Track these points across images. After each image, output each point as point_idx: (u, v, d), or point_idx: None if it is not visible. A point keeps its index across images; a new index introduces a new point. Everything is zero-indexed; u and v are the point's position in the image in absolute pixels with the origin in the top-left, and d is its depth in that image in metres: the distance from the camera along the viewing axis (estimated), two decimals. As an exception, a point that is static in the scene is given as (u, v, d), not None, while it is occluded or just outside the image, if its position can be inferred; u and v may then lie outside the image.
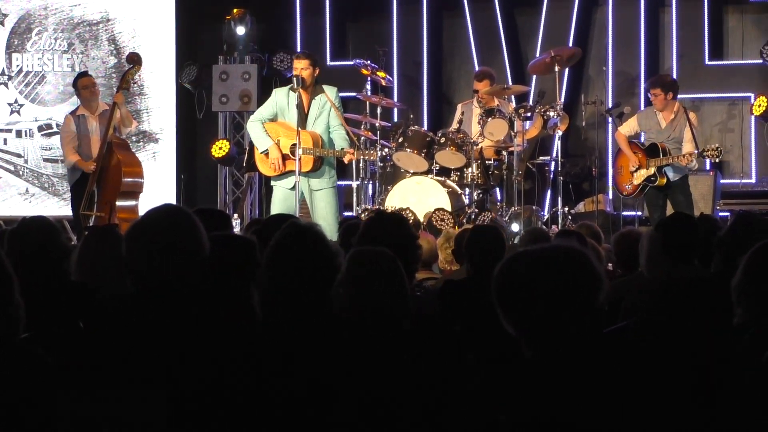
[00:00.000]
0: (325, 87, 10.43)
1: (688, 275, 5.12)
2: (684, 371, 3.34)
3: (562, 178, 11.67)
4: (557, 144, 12.19)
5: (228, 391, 3.64)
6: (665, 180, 11.02)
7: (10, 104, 13.84)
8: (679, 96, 11.36)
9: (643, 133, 11.44)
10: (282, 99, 10.47)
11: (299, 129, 10.11)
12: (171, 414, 3.55)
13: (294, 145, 10.15)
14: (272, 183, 10.62)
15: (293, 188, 10.22)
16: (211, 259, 3.86)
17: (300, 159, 10.10)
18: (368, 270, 4.15)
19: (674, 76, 12.28)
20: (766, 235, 4.86)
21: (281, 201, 10.41)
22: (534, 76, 13.04)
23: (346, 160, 10.31)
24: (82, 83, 11.34)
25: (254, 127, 10.56)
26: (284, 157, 10.34)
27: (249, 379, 3.66)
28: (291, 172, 10.25)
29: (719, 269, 4.95)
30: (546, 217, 11.83)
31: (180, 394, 3.57)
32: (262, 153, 10.43)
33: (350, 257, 4.18)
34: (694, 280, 4.97)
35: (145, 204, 11.15)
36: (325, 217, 10.18)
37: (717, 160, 10.99)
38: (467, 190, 11.33)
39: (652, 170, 10.98)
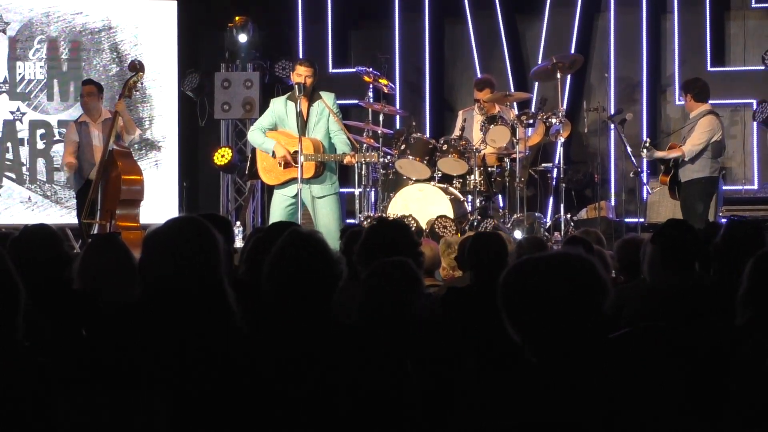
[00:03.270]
0: (322, 93, 10.42)
1: (689, 282, 5.12)
2: (686, 377, 3.34)
3: (564, 184, 11.67)
4: (559, 151, 12.19)
5: (232, 398, 3.63)
6: (667, 178, 11.12)
7: (12, 112, 13.84)
8: (679, 102, 11.40)
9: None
10: (280, 108, 10.46)
11: (295, 136, 10.11)
12: (173, 420, 3.55)
13: (296, 152, 10.14)
14: (274, 191, 10.60)
15: (295, 196, 10.21)
16: None
17: (302, 166, 10.10)
18: (387, 280, 4.19)
19: (676, 83, 12.31)
20: (758, 239, 4.87)
21: (281, 208, 10.38)
22: (536, 83, 13.05)
23: (345, 161, 10.28)
24: (82, 91, 11.42)
25: (255, 135, 10.55)
26: (287, 164, 10.32)
27: (252, 385, 3.66)
28: (293, 180, 10.24)
29: (718, 276, 4.95)
30: (548, 224, 11.83)
31: (183, 403, 3.57)
32: (271, 155, 10.39)
33: (372, 268, 4.22)
34: (695, 288, 4.96)
35: (147, 212, 11.16)
36: (327, 225, 10.14)
37: (643, 153, 11.10)
38: (469, 197, 11.33)
39: (664, 167, 11.19)
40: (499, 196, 11.96)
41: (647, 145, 11.08)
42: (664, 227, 5.45)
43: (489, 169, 11.50)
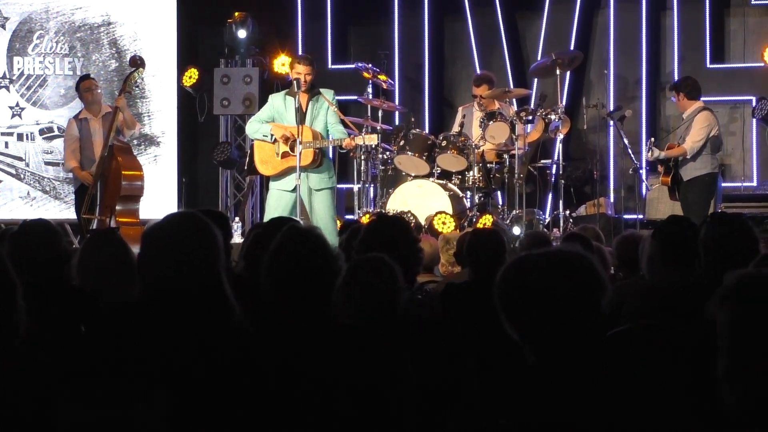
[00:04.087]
0: (322, 90, 10.42)
1: (689, 279, 5.11)
2: (686, 375, 3.34)
3: (563, 181, 11.67)
4: (558, 147, 12.19)
5: (230, 396, 3.63)
6: (668, 179, 11.15)
7: (11, 107, 13.84)
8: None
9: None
10: (279, 103, 10.46)
11: (300, 126, 10.11)
12: (172, 418, 3.55)
13: (294, 141, 10.16)
14: (271, 184, 10.57)
15: (293, 190, 10.20)
16: None
17: (300, 154, 10.13)
18: (358, 277, 4.18)
19: (676, 80, 12.31)
20: (741, 233, 4.85)
21: (277, 202, 10.36)
22: (535, 80, 13.06)
23: (345, 144, 10.25)
24: (83, 86, 11.37)
25: (252, 125, 10.54)
26: (284, 154, 10.32)
27: (250, 383, 3.66)
28: (290, 170, 10.22)
29: (711, 272, 4.93)
30: (547, 221, 11.83)
31: (183, 400, 3.57)
32: (272, 141, 10.38)
33: (349, 265, 4.20)
34: (695, 285, 4.95)
35: (146, 207, 11.15)
36: (323, 219, 10.16)
37: (649, 154, 11.13)
38: (468, 194, 11.33)
39: (663, 168, 11.20)
40: (498, 193, 11.95)
41: (652, 146, 11.10)
42: (666, 223, 5.44)
43: (488, 165, 11.49)
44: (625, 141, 11.66)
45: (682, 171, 11.11)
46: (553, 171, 12.16)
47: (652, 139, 11.38)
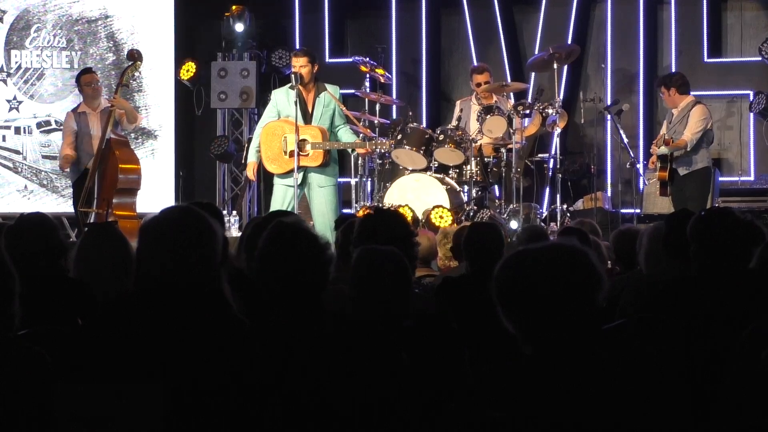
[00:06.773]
0: (327, 85, 10.46)
1: (686, 273, 5.11)
2: (682, 369, 3.34)
3: (560, 175, 11.68)
4: (556, 141, 12.18)
5: (225, 391, 3.63)
6: (665, 174, 11.11)
7: (8, 101, 13.83)
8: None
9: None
10: (282, 98, 10.50)
11: (299, 125, 10.15)
12: (168, 412, 3.55)
13: (303, 140, 10.22)
14: (275, 180, 10.62)
15: (298, 187, 10.26)
16: None
17: (309, 155, 10.22)
18: (374, 270, 4.18)
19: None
20: (735, 226, 4.84)
21: (282, 198, 10.43)
22: (533, 74, 13.05)
23: (361, 151, 10.43)
24: (85, 80, 11.37)
25: (254, 140, 10.72)
26: (292, 153, 10.37)
27: (246, 378, 3.66)
28: (298, 168, 10.29)
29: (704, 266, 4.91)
30: (545, 215, 11.84)
31: (177, 394, 3.57)
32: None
33: (357, 257, 4.20)
34: (690, 279, 4.96)
35: (143, 201, 11.15)
36: (325, 214, 10.24)
37: (663, 148, 11.07)
38: (466, 188, 11.33)
39: (657, 164, 11.15)
40: (496, 187, 11.96)
41: (662, 141, 11.07)
42: (673, 216, 5.44)
43: (485, 159, 11.49)
44: (623, 135, 11.66)
45: (678, 166, 11.09)
46: (551, 165, 12.16)
47: (665, 135, 11.28)
